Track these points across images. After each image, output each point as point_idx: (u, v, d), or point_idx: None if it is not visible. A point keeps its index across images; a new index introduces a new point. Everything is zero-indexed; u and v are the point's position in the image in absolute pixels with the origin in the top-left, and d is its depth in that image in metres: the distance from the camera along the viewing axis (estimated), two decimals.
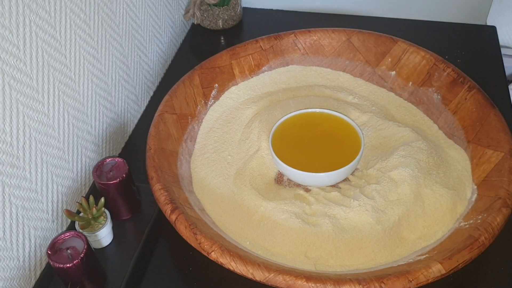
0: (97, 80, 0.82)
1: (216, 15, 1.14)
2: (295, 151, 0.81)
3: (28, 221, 0.69)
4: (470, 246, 0.64)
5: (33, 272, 0.71)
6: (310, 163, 0.79)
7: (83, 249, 0.64)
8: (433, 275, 0.61)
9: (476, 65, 1.05)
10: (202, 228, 0.68)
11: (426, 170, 0.78)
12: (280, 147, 0.80)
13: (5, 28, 0.60)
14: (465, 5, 1.12)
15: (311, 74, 0.99)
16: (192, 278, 0.73)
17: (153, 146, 0.78)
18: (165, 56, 1.08)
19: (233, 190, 0.80)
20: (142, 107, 1.00)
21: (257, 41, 0.97)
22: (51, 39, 0.69)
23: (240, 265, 0.63)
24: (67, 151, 0.76)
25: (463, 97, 0.85)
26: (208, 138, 0.88)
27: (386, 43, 0.95)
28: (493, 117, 0.80)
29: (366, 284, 0.60)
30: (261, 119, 0.87)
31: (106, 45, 0.83)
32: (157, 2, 1.01)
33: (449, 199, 0.75)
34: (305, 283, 0.61)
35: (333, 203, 0.76)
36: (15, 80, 0.63)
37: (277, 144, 0.81)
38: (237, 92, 0.95)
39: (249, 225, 0.75)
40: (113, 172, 0.75)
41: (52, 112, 0.71)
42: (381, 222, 0.73)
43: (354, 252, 0.71)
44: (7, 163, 0.63)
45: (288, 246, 0.72)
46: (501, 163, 0.75)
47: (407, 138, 0.83)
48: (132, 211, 0.78)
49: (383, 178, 0.78)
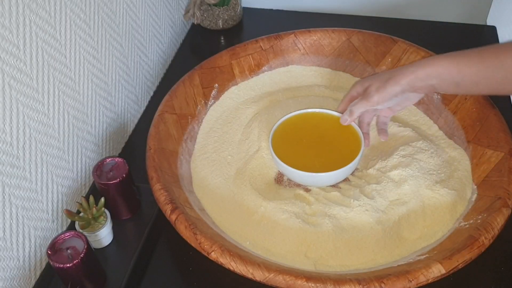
0: (97, 80, 0.82)
1: (216, 15, 1.14)
2: (295, 151, 0.81)
3: (28, 221, 0.69)
4: (470, 246, 0.64)
5: (33, 272, 0.71)
6: (310, 163, 0.78)
7: (83, 249, 0.64)
8: (433, 275, 0.61)
9: None
10: (202, 228, 0.68)
11: (426, 170, 0.78)
12: (280, 147, 0.80)
13: (5, 28, 0.60)
14: (465, 5, 1.12)
15: (311, 74, 0.99)
16: (192, 278, 0.73)
17: (153, 146, 0.78)
18: (165, 56, 1.08)
19: (233, 190, 0.80)
20: (142, 107, 1.00)
21: (257, 41, 0.97)
22: (51, 39, 0.69)
23: (240, 265, 0.63)
24: (67, 151, 0.76)
25: (463, 97, 0.85)
26: (208, 138, 0.88)
27: (386, 43, 0.95)
28: (493, 117, 0.80)
29: (366, 284, 0.60)
30: (261, 119, 0.87)
31: (106, 45, 0.83)
32: (157, 2, 1.01)
33: (449, 199, 0.75)
34: (305, 283, 0.61)
35: (333, 203, 0.76)
36: (15, 80, 0.63)
37: (277, 144, 0.81)
38: (237, 92, 0.95)
39: (249, 225, 0.75)
40: (113, 172, 0.75)
41: (52, 112, 0.71)
42: (381, 222, 0.73)
43: (354, 252, 0.71)
44: (7, 163, 0.63)
45: (288, 246, 0.72)
46: (501, 163, 0.75)
47: (407, 138, 0.83)
48: (132, 211, 0.78)
49: (383, 178, 0.78)
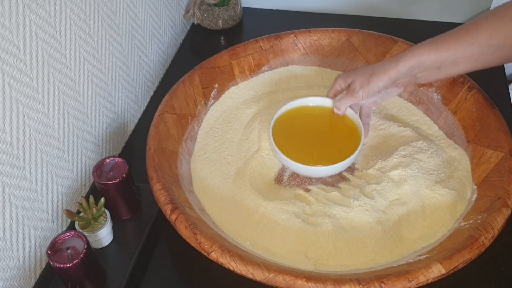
0: (97, 80, 0.82)
1: (216, 15, 1.14)
2: (295, 142, 0.81)
3: (28, 221, 0.69)
4: (470, 246, 0.64)
5: (33, 272, 0.71)
6: (310, 154, 0.79)
7: (83, 249, 0.64)
8: (433, 275, 0.61)
9: None
10: (202, 228, 0.68)
11: (426, 170, 0.78)
12: (281, 139, 0.80)
13: (5, 28, 0.60)
14: (465, 5, 1.12)
15: (311, 74, 0.99)
16: (192, 278, 0.73)
17: (153, 146, 0.78)
18: (165, 56, 1.08)
19: (233, 190, 0.80)
20: (142, 107, 1.00)
21: (257, 41, 0.97)
22: (51, 39, 0.69)
23: (240, 265, 0.63)
24: (67, 151, 0.76)
25: (463, 97, 0.85)
26: (208, 138, 0.88)
27: (386, 43, 0.95)
28: (493, 117, 0.80)
29: (366, 284, 0.60)
30: (261, 119, 0.87)
31: (106, 45, 0.83)
32: (157, 2, 1.01)
33: (449, 199, 0.75)
34: (305, 283, 0.61)
35: (333, 203, 0.76)
36: (15, 80, 0.63)
37: (278, 135, 0.80)
38: (237, 92, 0.95)
39: (249, 225, 0.75)
40: (113, 172, 0.75)
41: (52, 112, 0.71)
42: (381, 222, 0.73)
43: (354, 252, 0.71)
44: (7, 163, 0.63)
45: (288, 246, 0.72)
46: (501, 163, 0.75)
47: (407, 138, 0.83)
48: (132, 211, 0.78)
49: (383, 178, 0.78)
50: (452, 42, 0.67)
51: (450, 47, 0.67)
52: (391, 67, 0.72)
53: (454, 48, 0.67)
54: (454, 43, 0.67)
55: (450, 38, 0.68)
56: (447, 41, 0.68)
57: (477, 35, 0.65)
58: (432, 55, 0.69)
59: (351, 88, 0.77)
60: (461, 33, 0.67)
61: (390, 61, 0.73)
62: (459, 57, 0.67)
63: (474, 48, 0.66)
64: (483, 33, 0.65)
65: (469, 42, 0.66)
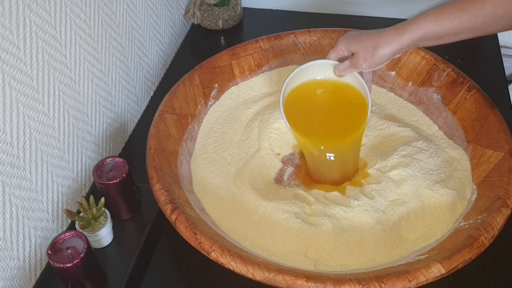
0: (97, 80, 0.82)
1: (216, 15, 1.14)
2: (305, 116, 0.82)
3: (28, 221, 0.69)
4: (470, 246, 0.64)
5: (33, 272, 0.71)
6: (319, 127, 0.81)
7: (83, 249, 0.64)
8: (433, 275, 0.61)
9: (476, 65, 1.05)
10: (202, 228, 0.68)
11: (426, 170, 0.78)
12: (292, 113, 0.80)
13: (5, 28, 0.60)
14: None
15: None
16: (192, 278, 0.73)
17: (153, 146, 0.78)
18: (165, 56, 1.08)
19: (233, 190, 0.80)
20: (142, 107, 1.00)
21: (257, 41, 0.97)
22: (51, 39, 0.69)
23: (240, 265, 0.63)
24: (67, 151, 0.76)
25: (463, 97, 0.85)
26: (208, 138, 0.88)
27: None
28: (492, 117, 0.80)
29: (366, 284, 0.60)
30: (261, 119, 0.87)
31: (106, 45, 0.83)
32: (157, 2, 1.01)
33: (449, 199, 0.75)
34: (305, 283, 0.61)
35: (333, 203, 0.76)
36: (15, 80, 0.63)
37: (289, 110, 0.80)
38: (237, 92, 0.95)
39: (249, 225, 0.75)
40: (113, 172, 0.75)
41: (52, 112, 0.71)
42: (381, 222, 0.73)
43: (354, 252, 0.71)
44: (7, 163, 0.63)
45: (288, 246, 0.72)
46: (501, 163, 0.75)
47: (407, 138, 0.83)
48: (132, 211, 0.78)
49: (383, 178, 0.78)
50: (457, 13, 0.68)
51: (455, 19, 0.68)
52: (395, 41, 0.72)
53: (459, 20, 0.67)
54: (459, 15, 0.67)
55: (454, 9, 0.68)
56: (452, 12, 0.68)
57: (482, 6, 0.66)
58: (436, 27, 0.69)
59: (355, 60, 0.77)
60: (466, 4, 0.67)
61: (395, 32, 0.72)
62: (463, 28, 0.68)
63: (479, 19, 0.66)
64: (488, 4, 0.65)
65: (473, 13, 0.66)
